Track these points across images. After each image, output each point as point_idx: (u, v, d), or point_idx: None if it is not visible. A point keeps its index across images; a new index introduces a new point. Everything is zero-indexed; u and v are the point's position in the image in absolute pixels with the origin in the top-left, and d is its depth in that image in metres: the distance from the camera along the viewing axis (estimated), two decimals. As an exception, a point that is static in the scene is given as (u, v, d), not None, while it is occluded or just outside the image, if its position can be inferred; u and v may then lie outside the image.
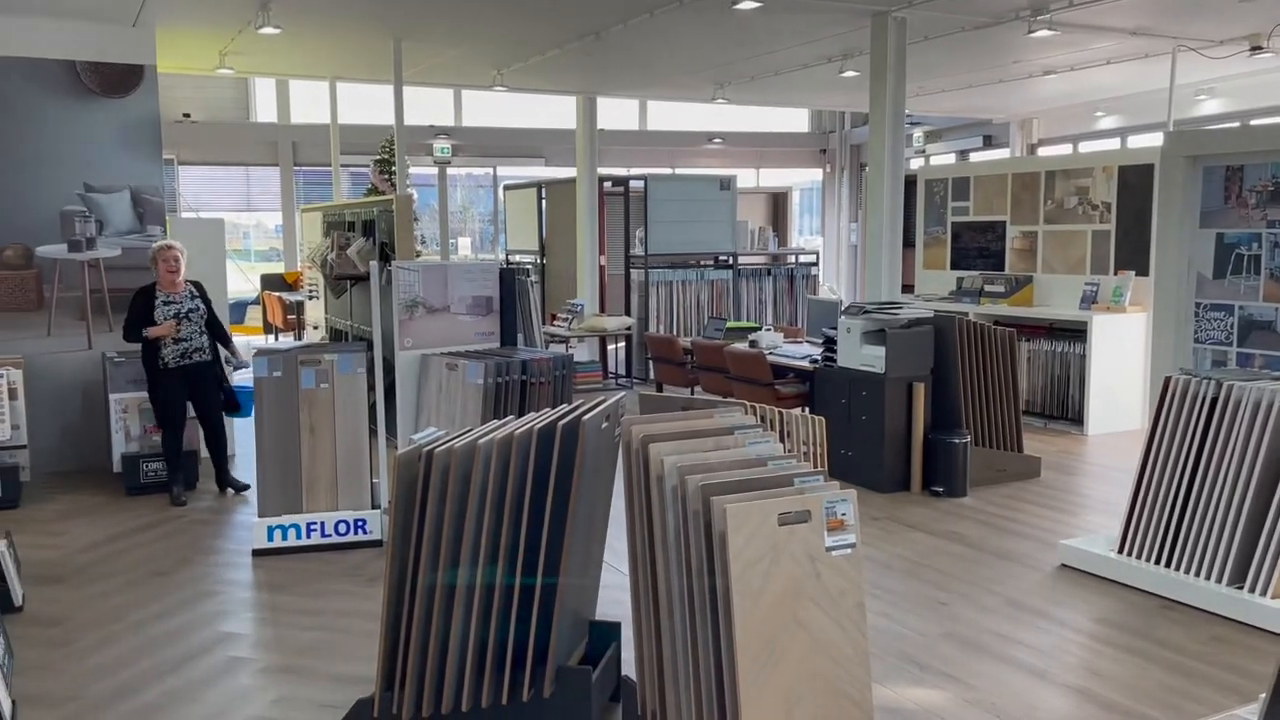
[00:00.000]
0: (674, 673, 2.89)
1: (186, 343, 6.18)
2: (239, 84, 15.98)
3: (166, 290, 6.15)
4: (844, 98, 13.16)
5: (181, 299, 6.19)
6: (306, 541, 5.35)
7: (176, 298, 6.17)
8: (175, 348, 6.15)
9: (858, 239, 18.10)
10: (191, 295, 6.25)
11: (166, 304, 6.13)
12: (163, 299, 6.13)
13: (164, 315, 6.09)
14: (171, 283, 6.16)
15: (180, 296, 6.19)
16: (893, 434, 6.32)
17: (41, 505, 6.24)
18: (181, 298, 6.19)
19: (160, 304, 6.11)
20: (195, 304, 6.24)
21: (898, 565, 5.03)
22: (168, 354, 6.14)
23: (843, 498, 2.77)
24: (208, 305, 6.35)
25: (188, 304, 6.20)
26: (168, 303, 6.13)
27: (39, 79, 6.93)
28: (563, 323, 10.70)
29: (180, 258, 6.22)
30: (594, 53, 9.26)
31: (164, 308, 6.11)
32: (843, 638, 2.73)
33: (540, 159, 17.63)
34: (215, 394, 6.36)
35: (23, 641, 4.13)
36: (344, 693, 3.65)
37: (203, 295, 6.34)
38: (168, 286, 6.16)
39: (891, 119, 7.41)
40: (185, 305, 6.19)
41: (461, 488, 3.22)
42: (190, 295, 6.24)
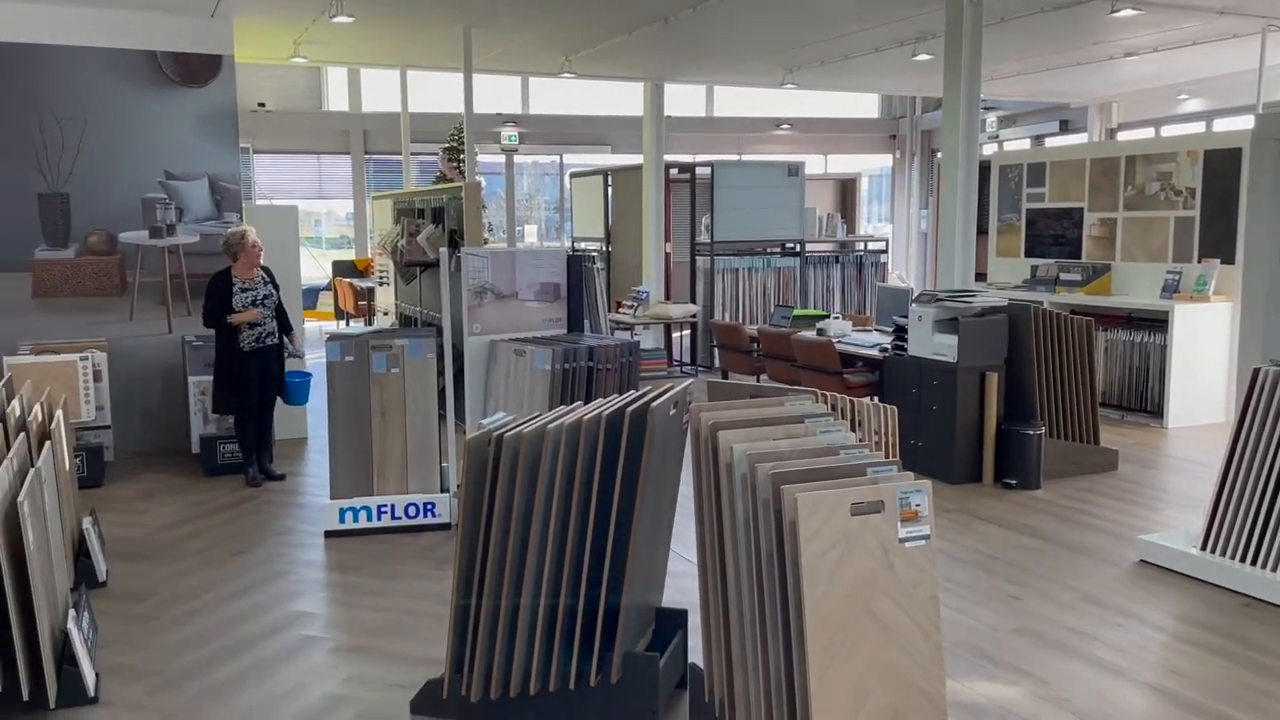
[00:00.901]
0: (742, 661, 2.87)
1: (260, 327, 6.31)
2: (312, 74, 16.25)
3: (242, 277, 6.27)
4: (916, 82, 12.92)
5: (256, 285, 6.31)
6: (377, 524, 5.43)
7: (252, 284, 6.29)
8: (251, 332, 6.26)
9: (928, 226, 17.80)
10: (265, 281, 6.38)
11: (244, 290, 6.24)
12: (240, 285, 6.24)
13: (242, 302, 6.20)
14: (249, 269, 6.29)
15: (255, 283, 6.32)
16: (964, 424, 6.20)
17: (124, 484, 6.43)
18: (256, 284, 6.32)
19: (238, 290, 6.22)
20: (268, 289, 6.37)
21: (969, 558, 4.94)
22: (245, 338, 6.25)
23: (917, 488, 2.71)
24: (277, 291, 6.48)
25: (262, 290, 6.33)
26: (245, 289, 6.25)
27: (122, 69, 7.11)
28: (628, 310, 10.70)
29: (259, 243, 6.36)
30: (662, 38, 9.20)
31: (241, 294, 6.22)
32: (916, 630, 2.69)
33: (606, 146, 17.64)
34: (279, 379, 6.48)
35: (107, 616, 4.27)
36: (413, 673, 3.70)
37: (273, 281, 6.47)
38: (244, 273, 6.28)
39: (966, 103, 7.24)
40: (260, 291, 6.31)
41: (530, 473, 3.23)
42: (264, 281, 6.37)
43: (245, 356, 6.28)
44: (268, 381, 6.42)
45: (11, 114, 6.81)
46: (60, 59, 6.93)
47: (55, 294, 7.04)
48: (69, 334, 6.97)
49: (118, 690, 3.62)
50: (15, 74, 6.80)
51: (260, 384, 6.38)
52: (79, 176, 7.02)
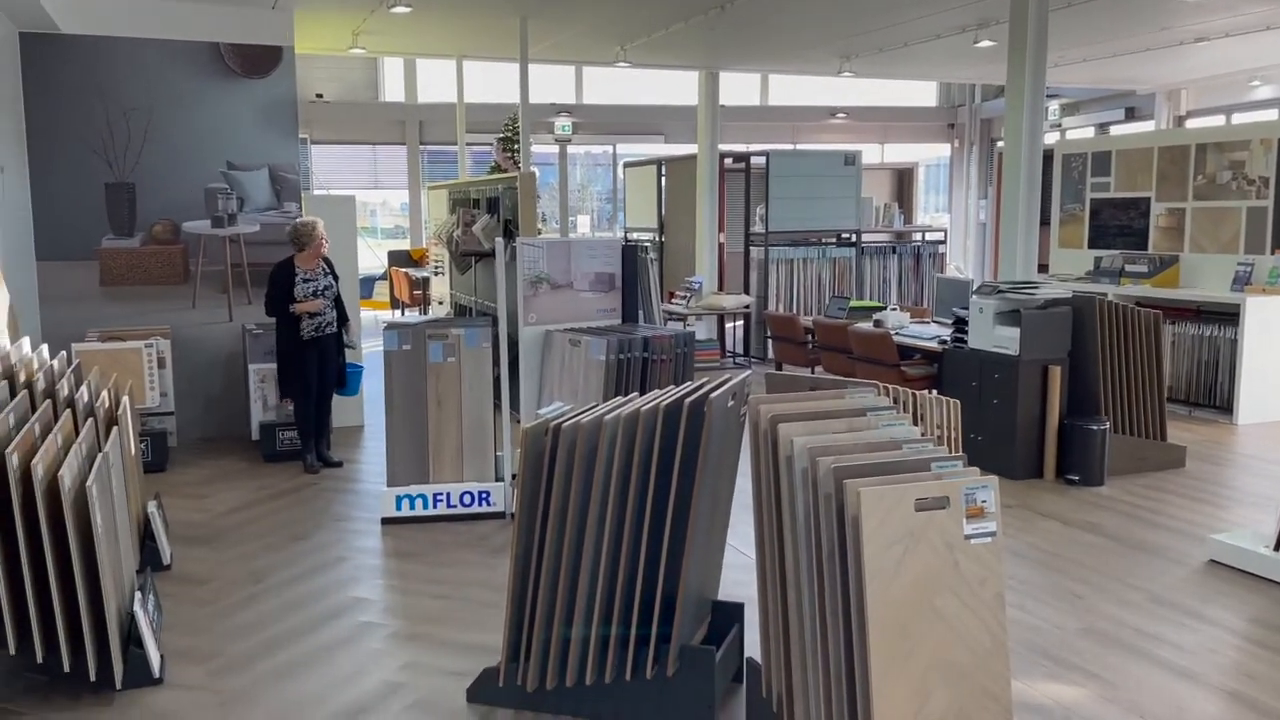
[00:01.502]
0: (801, 657, 2.83)
1: (320, 317, 6.37)
2: (369, 65, 16.41)
3: (304, 267, 6.33)
4: (977, 69, 12.69)
5: (317, 276, 6.38)
6: (433, 511, 5.47)
7: (313, 274, 6.35)
8: (311, 321, 6.34)
9: (986, 217, 17.48)
10: (325, 272, 6.44)
11: (306, 281, 6.30)
12: (302, 275, 6.30)
13: (304, 292, 6.27)
14: (312, 260, 6.36)
15: (316, 273, 6.38)
16: (1026, 419, 6.08)
17: (186, 469, 6.55)
18: (317, 274, 6.38)
19: (300, 280, 6.29)
20: (328, 280, 6.44)
21: (1032, 555, 4.84)
22: (305, 327, 6.33)
23: (983, 484, 2.65)
24: (337, 282, 6.54)
25: (323, 280, 6.39)
26: (307, 280, 6.31)
27: (186, 61, 7.22)
28: (680, 300, 10.65)
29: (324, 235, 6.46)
30: (719, 26, 9.13)
31: (304, 284, 6.29)
32: (981, 629, 2.63)
33: (660, 136, 17.58)
34: (334, 368, 6.55)
35: (171, 599, 4.35)
36: (469, 661, 3.72)
37: (333, 272, 6.53)
38: (307, 263, 6.34)
39: (1030, 91, 7.08)
40: (321, 282, 6.38)
41: (588, 463, 3.22)
42: (324, 272, 6.44)
43: (305, 345, 6.36)
44: (326, 370, 6.49)
45: (81, 105, 6.95)
46: (127, 51, 7.06)
47: (121, 282, 7.19)
48: (134, 322, 7.11)
49: (181, 672, 3.68)
50: (85, 66, 6.94)
51: (319, 372, 6.44)
52: (144, 167, 7.15)
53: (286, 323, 6.34)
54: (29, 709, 3.41)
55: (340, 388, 6.71)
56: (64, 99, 6.92)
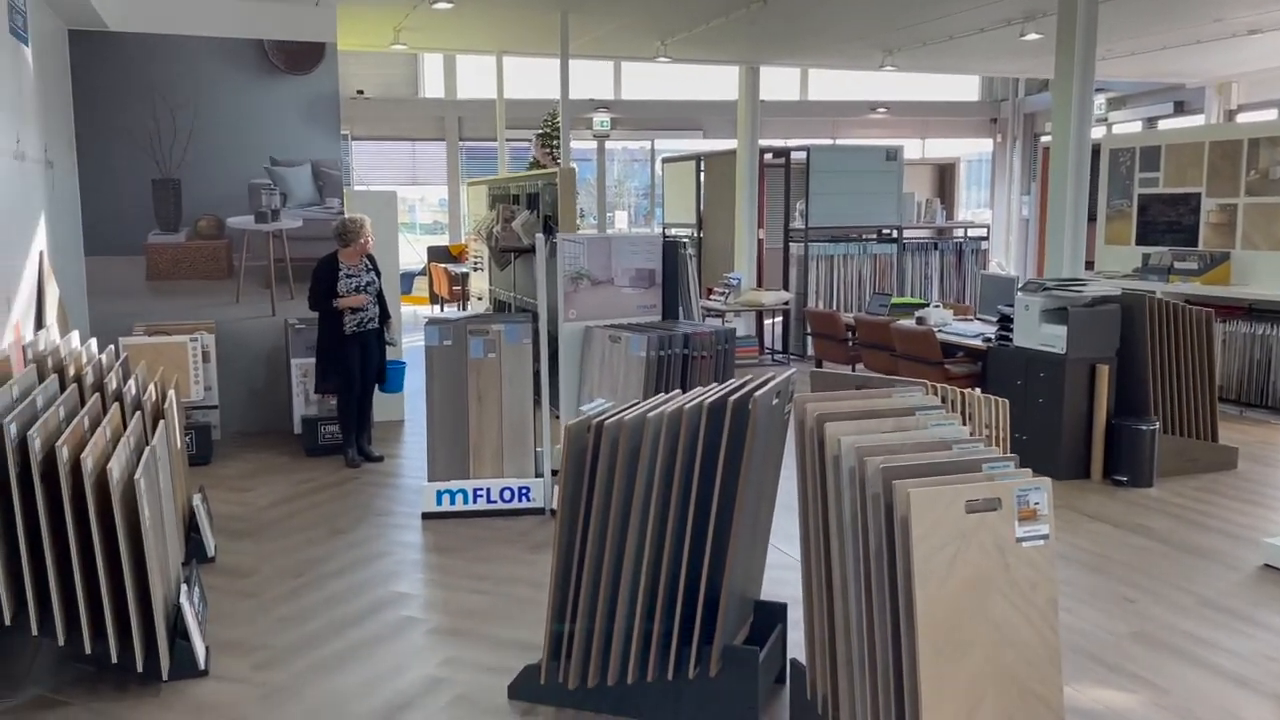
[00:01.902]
0: (848, 659, 2.79)
1: (363, 312, 6.40)
2: (409, 61, 16.49)
3: (347, 263, 6.36)
4: (1021, 63, 12.48)
5: (360, 272, 6.41)
6: (473, 506, 5.48)
7: (355, 270, 6.38)
8: (354, 317, 6.37)
9: (1030, 212, 17.23)
10: (367, 268, 6.47)
11: (349, 276, 6.34)
12: (345, 271, 6.34)
13: (346, 288, 6.30)
14: (356, 257, 6.39)
15: (359, 270, 6.41)
16: (1072, 418, 5.98)
17: (230, 463, 6.62)
18: (360, 270, 6.41)
19: (343, 276, 6.33)
20: (370, 276, 6.46)
21: (1079, 558, 4.75)
22: (348, 322, 6.36)
23: (1036, 485, 2.60)
24: (379, 278, 6.56)
25: (365, 277, 6.42)
26: (350, 275, 6.35)
27: (231, 57, 7.29)
28: (719, 297, 10.60)
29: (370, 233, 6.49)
30: (760, 20, 9.05)
31: (346, 280, 6.32)
32: (1033, 634, 2.57)
33: (699, 131, 17.51)
34: (376, 364, 6.57)
35: (216, 591, 4.39)
36: (510, 657, 3.71)
37: (375, 268, 6.56)
38: (350, 260, 6.37)
39: (1079, 85, 6.94)
40: (364, 278, 6.41)
41: (630, 460, 3.19)
42: (366, 268, 6.46)
43: (346, 340, 6.38)
44: (368, 365, 6.52)
45: (129, 102, 7.04)
46: (174, 48, 7.13)
47: (167, 277, 7.27)
48: (179, 316, 7.19)
49: (225, 664, 3.71)
50: (132, 63, 7.02)
51: (361, 367, 6.48)
52: (190, 162, 7.23)
53: (329, 318, 6.38)
54: (77, 699, 3.45)
55: (382, 384, 6.73)
56: (112, 95, 7.01)
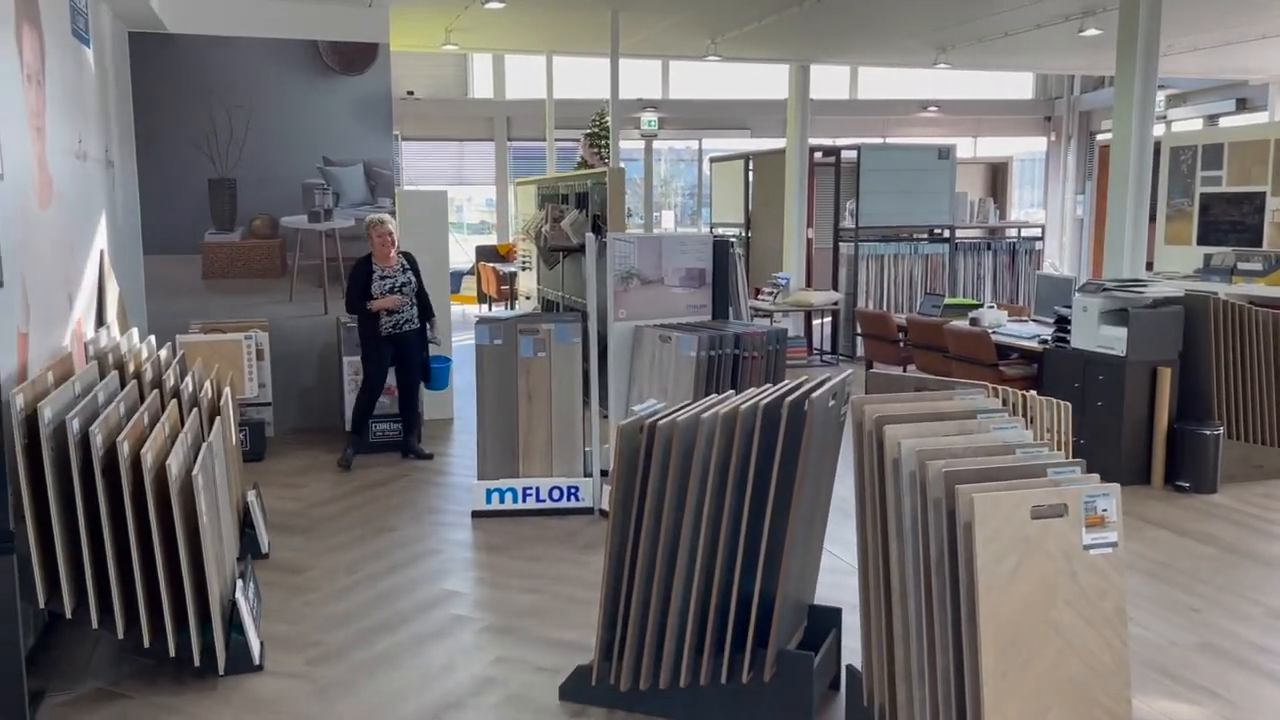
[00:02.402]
0: (906, 667, 2.74)
1: (399, 314, 6.37)
2: (459, 62, 16.60)
3: (381, 264, 6.32)
4: (1079, 60, 12.24)
5: (395, 272, 6.36)
6: (522, 505, 5.48)
7: (390, 271, 6.34)
8: (390, 319, 6.35)
9: (1084, 212, 16.93)
10: (404, 268, 6.41)
11: (383, 278, 6.30)
12: (379, 273, 6.30)
13: (380, 289, 6.27)
14: (385, 256, 6.33)
15: (394, 270, 6.36)
16: (1133, 422, 5.84)
17: (283, 459, 6.69)
18: (395, 271, 6.36)
19: (377, 278, 6.29)
20: (407, 276, 6.40)
21: (1141, 566, 4.64)
22: (384, 324, 6.35)
23: (1104, 492, 2.53)
24: (418, 277, 6.49)
25: (400, 277, 6.37)
26: (384, 276, 6.31)
27: (285, 58, 7.37)
28: (767, 297, 10.53)
29: (393, 232, 6.40)
30: (812, 17, 8.97)
31: (380, 281, 6.29)
32: (1100, 644, 2.50)
33: (746, 130, 17.43)
34: (419, 363, 6.55)
35: (269, 587, 4.43)
36: (561, 657, 3.70)
37: (413, 267, 6.48)
38: (382, 260, 6.33)
39: (1141, 82, 6.78)
40: (399, 279, 6.36)
41: (684, 462, 3.16)
42: (402, 268, 6.41)
43: (382, 341, 6.39)
44: (408, 366, 6.51)
45: (187, 103, 7.14)
46: (230, 49, 7.23)
47: (222, 275, 7.37)
48: (234, 314, 7.29)
49: (279, 659, 3.74)
50: (190, 64, 7.13)
51: (399, 368, 6.49)
52: (245, 163, 7.32)
53: (365, 320, 6.37)
54: (135, 692, 3.50)
55: (427, 382, 6.74)
56: (170, 96, 7.11)
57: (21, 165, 4.04)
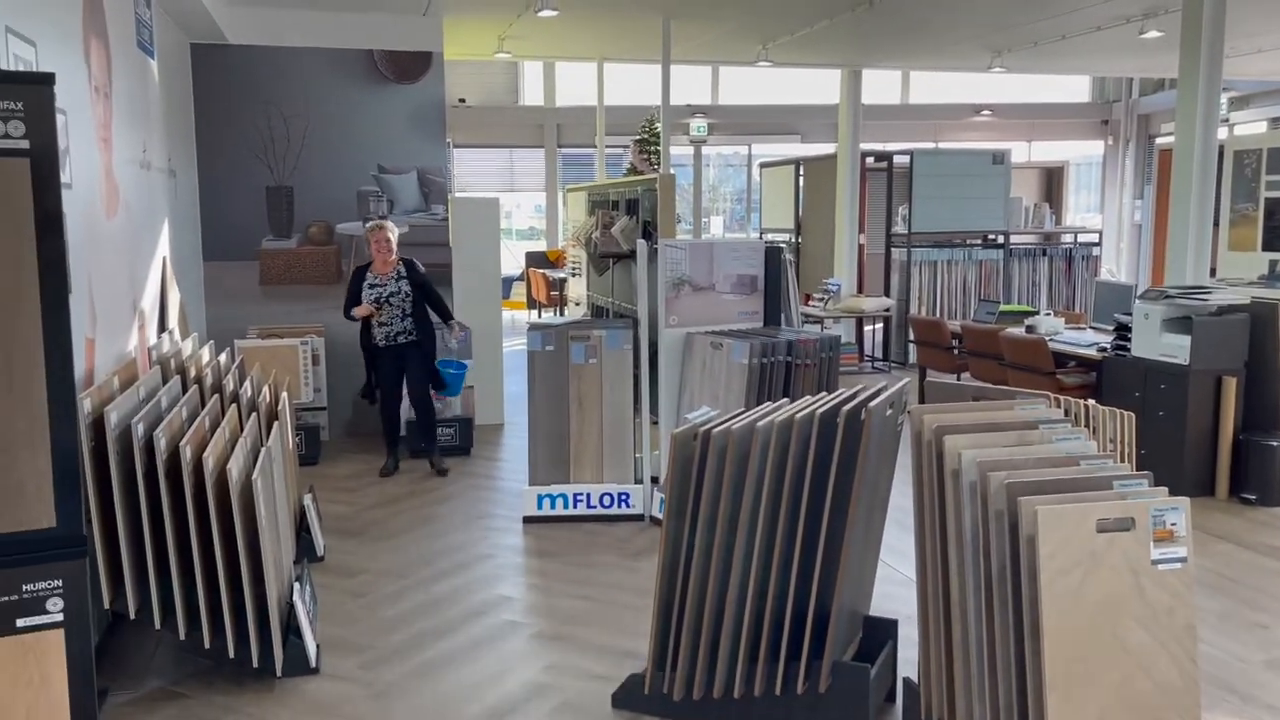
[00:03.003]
0: (966, 681, 2.69)
1: (388, 326, 6.18)
2: (509, 69, 16.72)
3: (376, 271, 6.18)
4: (1138, 62, 12.03)
5: (386, 281, 6.16)
6: (573, 511, 5.49)
7: (382, 280, 6.16)
8: (380, 330, 6.19)
9: (1143, 218, 16.59)
10: (398, 276, 6.18)
11: (372, 286, 6.15)
12: (370, 281, 6.16)
13: (366, 298, 6.12)
14: (383, 263, 6.16)
15: (386, 279, 6.16)
16: (1196, 433, 5.70)
17: (337, 463, 6.77)
18: (387, 280, 6.16)
19: (367, 286, 6.15)
20: (399, 285, 6.16)
21: (1206, 580, 4.52)
22: (377, 334, 6.22)
23: (1173, 505, 2.47)
24: (422, 284, 6.24)
25: (391, 286, 6.15)
26: (373, 285, 6.16)
27: (342, 67, 7.48)
28: (817, 303, 10.46)
29: (390, 239, 6.17)
30: (865, 22, 8.90)
31: (368, 290, 6.14)
32: (1169, 662, 2.44)
33: (796, 136, 17.34)
34: (421, 375, 6.31)
35: (325, 590, 4.48)
36: (613, 664, 3.69)
37: (412, 275, 6.22)
38: (378, 268, 6.18)
39: (1205, 84, 6.63)
40: (389, 288, 6.15)
41: (739, 470, 3.15)
42: (396, 276, 6.18)
43: (379, 351, 6.26)
44: (411, 377, 6.30)
45: (246, 112, 7.28)
46: (288, 59, 7.35)
47: (279, 281, 7.49)
48: (291, 319, 7.40)
49: (335, 662, 3.77)
50: (250, 75, 7.26)
51: (409, 380, 6.30)
52: (301, 170, 7.43)
53: (362, 330, 6.28)
54: (195, 692, 3.55)
55: (439, 388, 6.54)
56: (230, 106, 7.25)
57: (89, 175, 4.13)
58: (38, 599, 2.49)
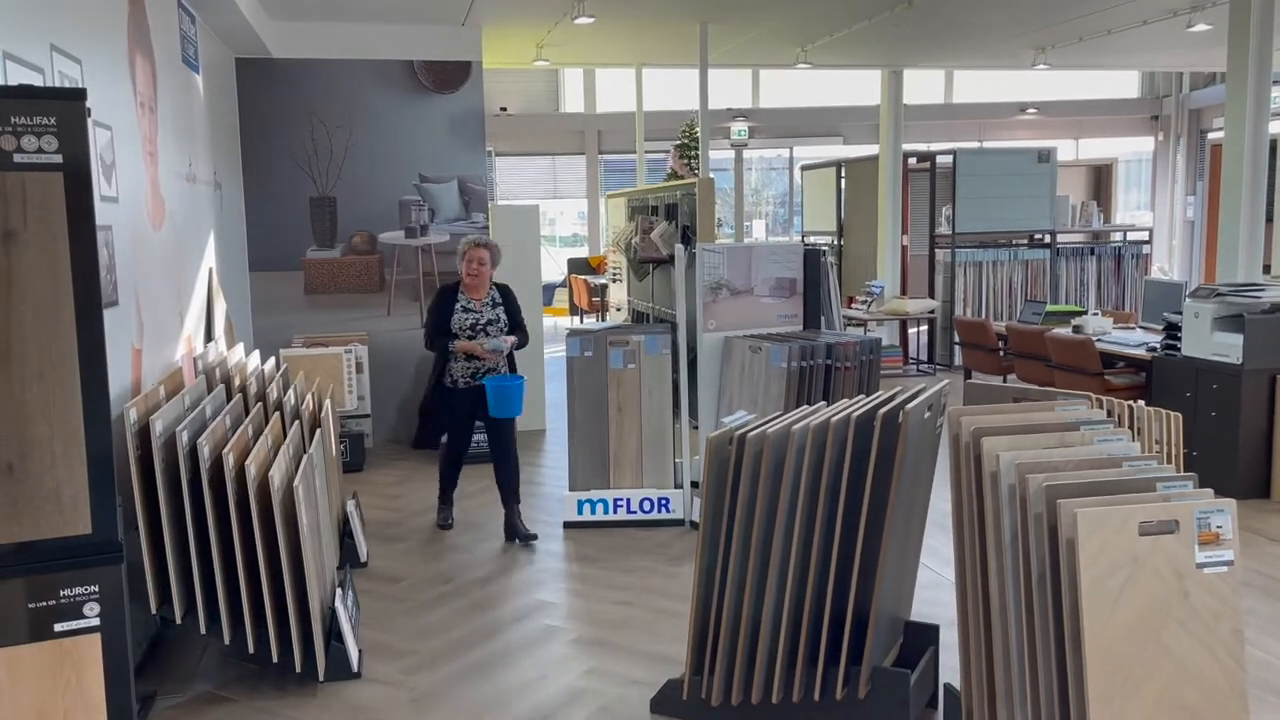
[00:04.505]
0: (1007, 688, 2.65)
1: (480, 361, 5.32)
2: (550, 77, 16.81)
3: (469, 294, 5.33)
4: (1186, 56, 11.78)
5: (482, 307, 5.33)
6: (613, 517, 5.49)
7: (477, 305, 5.33)
8: (467, 365, 5.30)
9: (1195, 214, 16.25)
10: (494, 303, 5.37)
11: (466, 310, 5.29)
12: (462, 304, 5.30)
13: (461, 324, 5.26)
14: (475, 287, 5.34)
15: (482, 305, 5.33)
16: (1250, 433, 5.57)
17: (381, 470, 6.84)
18: (483, 306, 5.33)
19: (460, 309, 5.29)
20: (496, 313, 5.36)
21: (1259, 583, 4.41)
22: (458, 370, 5.29)
23: (1219, 507, 2.40)
24: (513, 312, 5.44)
25: (487, 314, 5.33)
26: (467, 309, 5.30)
27: (382, 78, 7.57)
28: (860, 305, 10.37)
29: (486, 260, 5.29)
30: (905, 22, 8.82)
31: (462, 314, 5.28)
32: (1216, 668, 2.38)
33: (838, 137, 17.23)
34: (509, 424, 5.32)
35: (368, 595, 4.52)
36: (652, 670, 3.69)
37: (507, 302, 5.42)
38: (471, 290, 5.34)
39: (1255, 76, 6.49)
40: (484, 316, 5.32)
41: (775, 474, 3.13)
42: (492, 303, 5.37)
43: (457, 393, 5.31)
44: (493, 422, 5.26)
45: (290, 124, 7.40)
46: (330, 72, 7.46)
47: (323, 290, 7.60)
48: (335, 328, 7.50)
49: (377, 667, 3.81)
50: (293, 88, 7.38)
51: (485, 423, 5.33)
52: (344, 181, 7.54)
53: (440, 360, 5.33)
54: (240, 696, 3.60)
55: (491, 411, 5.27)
56: (274, 119, 7.38)
57: (136, 189, 4.23)
58: (74, 604, 2.54)
